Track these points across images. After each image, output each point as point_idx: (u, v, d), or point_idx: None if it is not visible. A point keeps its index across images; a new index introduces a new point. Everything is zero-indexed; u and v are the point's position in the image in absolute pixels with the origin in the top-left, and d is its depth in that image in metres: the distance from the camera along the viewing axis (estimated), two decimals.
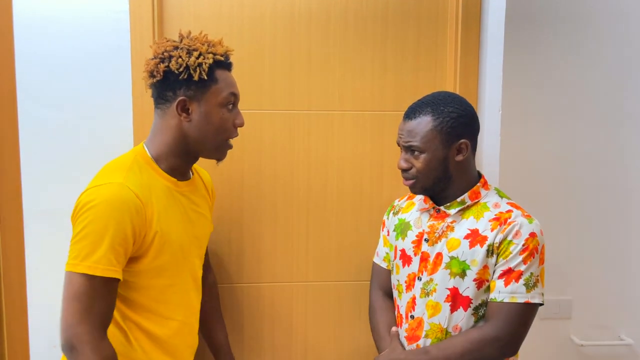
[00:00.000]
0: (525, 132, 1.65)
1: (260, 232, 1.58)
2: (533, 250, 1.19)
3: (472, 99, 1.58)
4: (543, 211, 1.68)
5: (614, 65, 1.66)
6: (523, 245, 1.19)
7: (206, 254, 1.40)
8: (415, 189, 1.28)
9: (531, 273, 1.19)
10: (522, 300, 1.18)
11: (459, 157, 1.23)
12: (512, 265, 1.19)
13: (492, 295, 1.21)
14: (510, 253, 1.19)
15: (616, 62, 1.66)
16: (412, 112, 1.24)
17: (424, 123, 1.22)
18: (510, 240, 1.19)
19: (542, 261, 1.21)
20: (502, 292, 1.19)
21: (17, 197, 1.45)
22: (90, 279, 1.02)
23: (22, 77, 1.43)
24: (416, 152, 1.23)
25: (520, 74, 1.62)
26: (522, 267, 1.18)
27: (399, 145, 1.28)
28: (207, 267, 1.40)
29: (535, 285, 1.19)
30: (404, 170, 1.27)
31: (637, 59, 1.67)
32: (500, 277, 1.20)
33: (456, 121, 1.22)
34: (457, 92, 1.53)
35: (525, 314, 1.19)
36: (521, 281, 1.18)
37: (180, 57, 1.12)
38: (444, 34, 1.60)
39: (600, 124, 1.68)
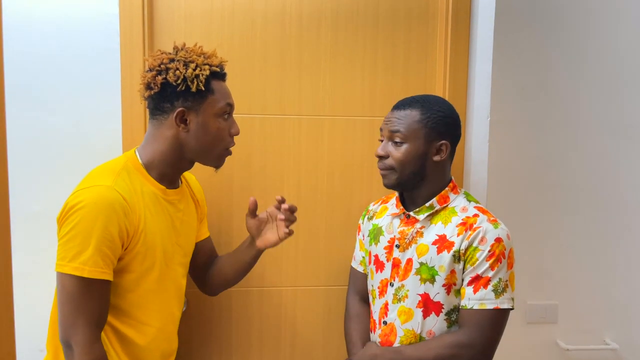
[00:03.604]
0: (514, 139, 1.66)
1: None
2: (500, 255, 1.19)
3: (461, 105, 1.59)
4: (530, 216, 1.70)
5: (604, 72, 1.67)
6: (489, 251, 1.19)
7: (214, 249, 1.44)
8: (390, 181, 1.27)
9: (500, 279, 1.19)
10: (491, 307, 1.18)
11: (437, 157, 1.25)
12: (479, 272, 1.19)
13: (462, 303, 1.21)
14: (477, 260, 1.19)
15: (606, 67, 1.67)
16: (402, 104, 1.27)
17: (412, 115, 1.24)
18: (476, 247, 1.20)
19: (510, 266, 1.21)
20: (472, 299, 1.19)
21: (4, 199, 1.44)
22: (79, 280, 1.04)
23: (11, 78, 1.42)
24: (398, 142, 1.24)
25: (509, 80, 1.63)
26: (490, 273, 1.19)
27: (381, 132, 1.29)
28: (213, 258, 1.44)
29: (504, 290, 1.19)
30: (380, 158, 1.27)
31: (628, 64, 1.68)
32: (469, 284, 1.20)
33: (442, 120, 1.24)
34: (447, 98, 1.54)
35: (495, 319, 1.19)
36: (490, 287, 1.18)
37: (177, 69, 1.14)
38: (433, 41, 1.61)
39: (588, 129, 1.68)
